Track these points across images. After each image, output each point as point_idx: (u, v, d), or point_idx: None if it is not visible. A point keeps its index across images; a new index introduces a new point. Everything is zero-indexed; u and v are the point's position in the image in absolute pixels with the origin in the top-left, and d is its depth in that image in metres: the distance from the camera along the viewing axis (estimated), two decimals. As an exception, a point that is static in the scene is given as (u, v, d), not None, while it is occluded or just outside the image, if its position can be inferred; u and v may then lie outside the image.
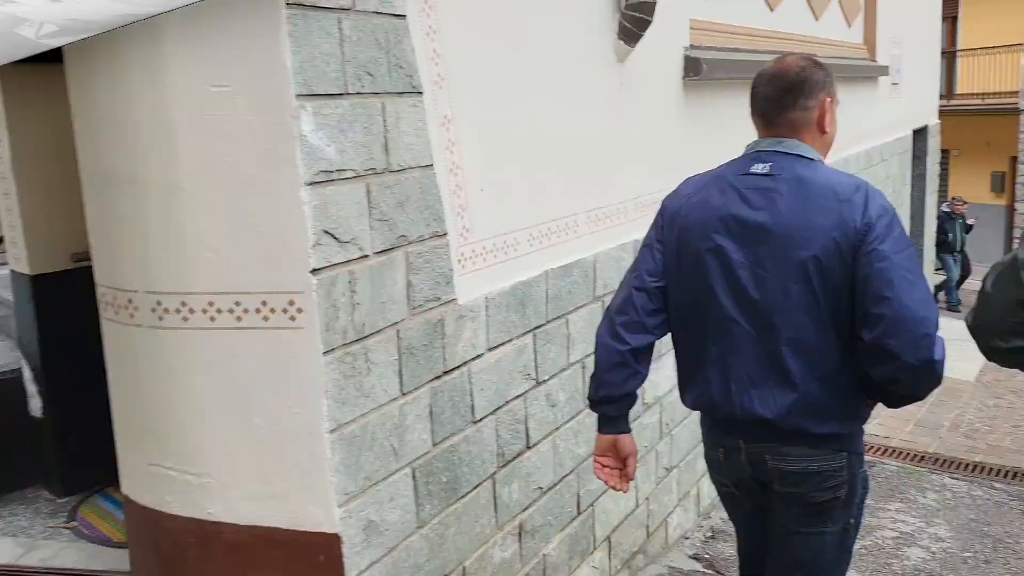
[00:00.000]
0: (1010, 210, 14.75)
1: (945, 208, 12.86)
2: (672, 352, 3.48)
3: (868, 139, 6.41)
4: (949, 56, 16.83)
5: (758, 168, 1.88)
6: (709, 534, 3.73)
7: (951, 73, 16.84)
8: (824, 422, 1.87)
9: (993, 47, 15.99)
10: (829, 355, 1.83)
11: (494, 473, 2.39)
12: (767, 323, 1.85)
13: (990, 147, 16.10)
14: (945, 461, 4.97)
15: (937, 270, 11.48)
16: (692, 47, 3.51)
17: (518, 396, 2.49)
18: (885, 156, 6.99)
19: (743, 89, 4.04)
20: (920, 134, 8.49)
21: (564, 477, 2.73)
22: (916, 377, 1.77)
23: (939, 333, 1.87)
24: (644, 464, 3.28)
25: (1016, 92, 14.50)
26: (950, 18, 16.37)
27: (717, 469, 2.09)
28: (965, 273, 12.79)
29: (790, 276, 1.81)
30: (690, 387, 2.02)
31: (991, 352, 1.56)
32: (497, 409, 2.40)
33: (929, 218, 9.00)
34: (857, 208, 1.77)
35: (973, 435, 6.05)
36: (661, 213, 2.03)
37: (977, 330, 1.58)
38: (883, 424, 5.88)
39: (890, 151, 7.15)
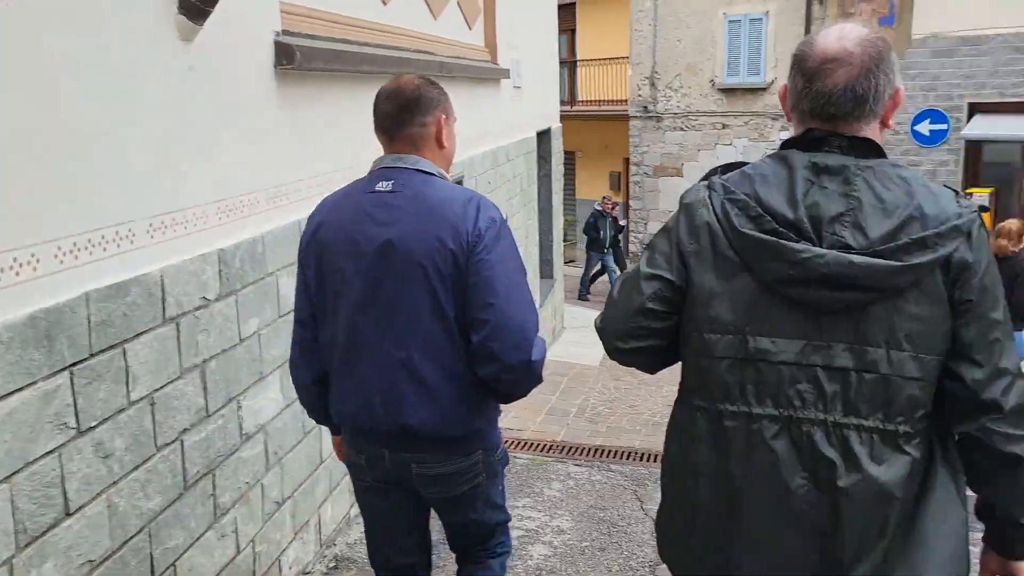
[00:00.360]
0: (625, 206, 16.45)
1: (597, 207, 13.87)
2: (275, 374, 3.12)
3: (493, 139, 6.56)
4: (571, 65, 18.41)
5: (382, 186, 1.96)
6: (332, 564, 3.44)
7: (573, 81, 18.42)
8: (459, 423, 1.99)
9: (606, 59, 17.75)
10: (459, 359, 1.95)
11: (12, 557, 1.85)
12: (399, 335, 1.93)
13: (608, 149, 17.88)
14: (571, 448, 5.14)
15: (567, 262, 12.36)
16: (285, 32, 3.17)
17: (49, 452, 1.97)
18: (511, 156, 7.24)
19: (359, 83, 3.77)
20: (544, 136, 9.00)
21: (129, 540, 2.25)
22: (516, 377, 1.95)
23: (539, 336, 2.04)
24: (247, 503, 2.89)
25: (626, 100, 16.18)
26: (569, 30, 17.89)
27: (359, 471, 2.14)
28: (621, 268, 13.96)
29: (417, 288, 1.90)
30: (335, 402, 2.08)
31: (613, 352, 1.68)
32: (13, 474, 1.86)
33: (556, 214, 9.60)
34: (469, 219, 1.89)
35: (596, 419, 6.45)
36: (299, 245, 2.09)
37: (602, 332, 1.70)
38: (517, 416, 6.04)
39: (516, 151, 7.43)
